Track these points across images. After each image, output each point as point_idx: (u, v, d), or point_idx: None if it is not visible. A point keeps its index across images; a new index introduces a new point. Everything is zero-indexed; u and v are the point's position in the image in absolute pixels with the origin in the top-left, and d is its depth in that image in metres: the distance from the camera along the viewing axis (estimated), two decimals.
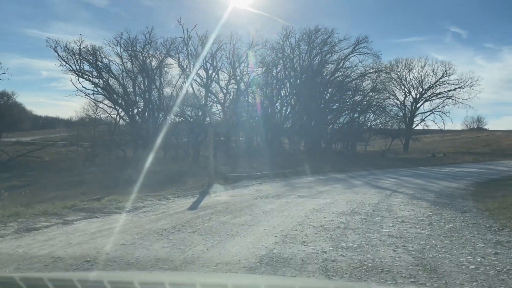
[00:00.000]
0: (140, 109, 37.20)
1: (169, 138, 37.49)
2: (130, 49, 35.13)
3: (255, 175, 16.86)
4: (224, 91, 37.87)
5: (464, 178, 20.16)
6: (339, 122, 43.30)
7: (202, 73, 35.99)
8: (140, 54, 35.37)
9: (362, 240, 6.89)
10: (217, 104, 38.55)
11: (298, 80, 37.77)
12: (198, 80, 36.69)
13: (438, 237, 7.26)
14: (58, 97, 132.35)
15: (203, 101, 35.22)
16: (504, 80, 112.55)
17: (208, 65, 35.03)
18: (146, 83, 36.01)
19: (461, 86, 50.65)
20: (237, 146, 40.98)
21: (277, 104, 38.10)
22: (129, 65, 35.93)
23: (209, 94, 36.96)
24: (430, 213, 9.84)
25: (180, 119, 34.78)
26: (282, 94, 38.95)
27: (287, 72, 37.18)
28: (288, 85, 38.64)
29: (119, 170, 27.37)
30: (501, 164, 29.78)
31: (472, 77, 50.77)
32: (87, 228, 7.26)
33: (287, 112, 39.25)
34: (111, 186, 19.30)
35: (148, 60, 35.94)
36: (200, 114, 35.54)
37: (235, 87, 38.01)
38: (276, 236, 6.97)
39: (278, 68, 36.65)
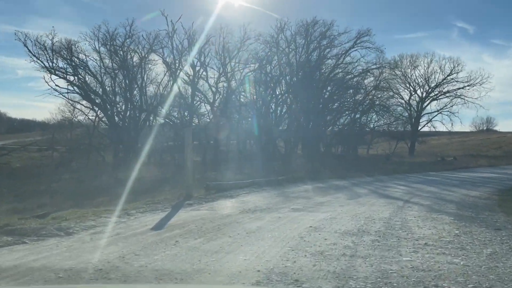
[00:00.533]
0: (120, 110, 35.52)
1: (153, 141, 35.98)
2: (109, 43, 33.47)
3: (243, 183, 15.21)
4: (214, 89, 36.20)
5: (483, 184, 18.62)
6: (339, 123, 41.70)
7: (189, 70, 34.37)
8: (120, 49, 33.71)
9: (377, 275, 5.27)
10: (205, 104, 36.94)
11: (295, 78, 36.18)
12: (185, 77, 35.06)
13: (479, 269, 5.65)
14: (36, 98, 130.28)
15: (190, 101, 33.55)
16: None
17: (195, 61, 33.42)
18: (127, 81, 34.34)
19: (471, 84, 49.24)
20: (228, 150, 39.34)
21: (272, 103, 36.48)
22: (108, 61, 34.27)
23: (197, 93, 35.33)
24: (457, 231, 8.25)
25: (164, 120, 33.10)
26: (277, 93, 37.35)
27: (282, 68, 35.59)
28: (283, 82, 37.06)
29: (94, 177, 25.73)
30: None
31: (482, 74, 49.38)
32: (0, 262, 5.59)
33: (282, 112, 37.65)
34: (79, 196, 17.67)
35: (129, 55, 34.32)
36: (186, 114, 33.88)
37: (226, 85, 36.40)
38: (259, 271, 5.33)
39: (273, 64, 35.05)
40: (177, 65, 33.08)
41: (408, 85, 51.29)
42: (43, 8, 73.15)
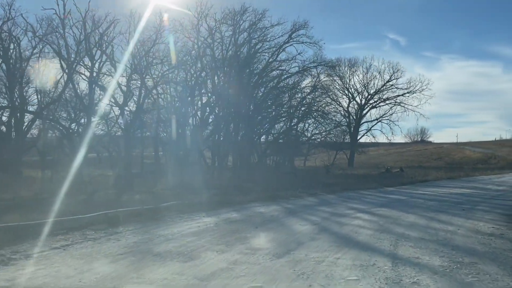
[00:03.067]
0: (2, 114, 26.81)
1: (43, 151, 27.69)
2: None
3: (77, 221, 7.64)
4: (124, 88, 28.24)
5: (472, 207, 12.22)
6: (274, 131, 34.94)
7: (90, 63, 26.28)
8: None
9: None
10: (114, 107, 28.88)
11: (222, 75, 29.09)
12: (87, 73, 26.93)
13: None
14: None
15: (88, 101, 25.48)
16: (444, 90, 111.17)
17: (95, 51, 25.43)
18: (8, 78, 25.76)
19: (411, 91, 44.40)
20: (143, 162, 31.50)
21: (194, 106, 29.15)
22: None
23: (101, 92, 27.32)
24: None
25: (50, 124, 24.88)
26: (203, 93, 30.06)
27: (206, 63, 28.38)
28: (208, 81, 29.84)
29: None
30: (485, 181, 22.62)
31: (422, 81, 44.67)
32: None
33: (208, 117, 30.38)
34: None
35: (12, 45, 25.79)
36: (82, 116, 25.79)
37: (139, 84, 28.59)
38: None
39: (193, 58, 27.69)
40: (72, 57, 24.97)
41: (346, 91, 45.75)
42: None
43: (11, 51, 25.90)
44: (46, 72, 28.06)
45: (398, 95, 45.08)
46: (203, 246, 6.48)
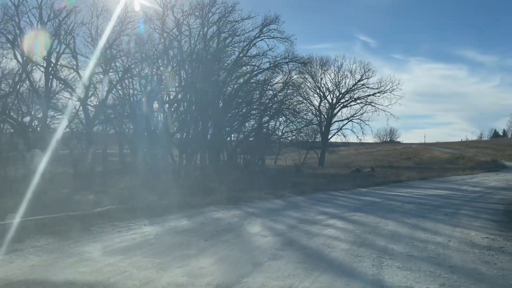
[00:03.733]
0: None
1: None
2: None
3: None
4: (86, 83, 25.97)
5: (456, 211, 10.80)
6: (244, 129, 33.26)
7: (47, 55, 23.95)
8: None
9: None
10: (74, 101, 26.53)
11: (190, 70, 27.16)
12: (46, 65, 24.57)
13: None
14: None
15: (44, 94, 23.19)
16: (412, 92, 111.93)
17: (52, 41, 23.13)
18: None
19: (381, 91, 43.35)
20: (105, 160, 29.25)
21: (157, 101, 27.12)
22: None
23: (60, 85, 25.01)
24: None
25: (3, 118, 22.47)
26: (170, 87, 28.03)
27: (172, 55, 26.40)
28: (174, 75, 27.82)
29: None
30: (458, 182, 21.43)
31: (393, 81, 43.76)
32: None
33: (174, 112, 28.35)
34: None
35: None
36: (39, 111, 23.49)
37: (102, 76, 26.36)
38: None
39: (159, 50, 25.65)
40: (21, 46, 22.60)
41: (318, 90, 44.40)
42: None
43: None
44: (3, 64, 25.61)
45: (369, 95, 44.01)
46: (126, 271, 4.69)
